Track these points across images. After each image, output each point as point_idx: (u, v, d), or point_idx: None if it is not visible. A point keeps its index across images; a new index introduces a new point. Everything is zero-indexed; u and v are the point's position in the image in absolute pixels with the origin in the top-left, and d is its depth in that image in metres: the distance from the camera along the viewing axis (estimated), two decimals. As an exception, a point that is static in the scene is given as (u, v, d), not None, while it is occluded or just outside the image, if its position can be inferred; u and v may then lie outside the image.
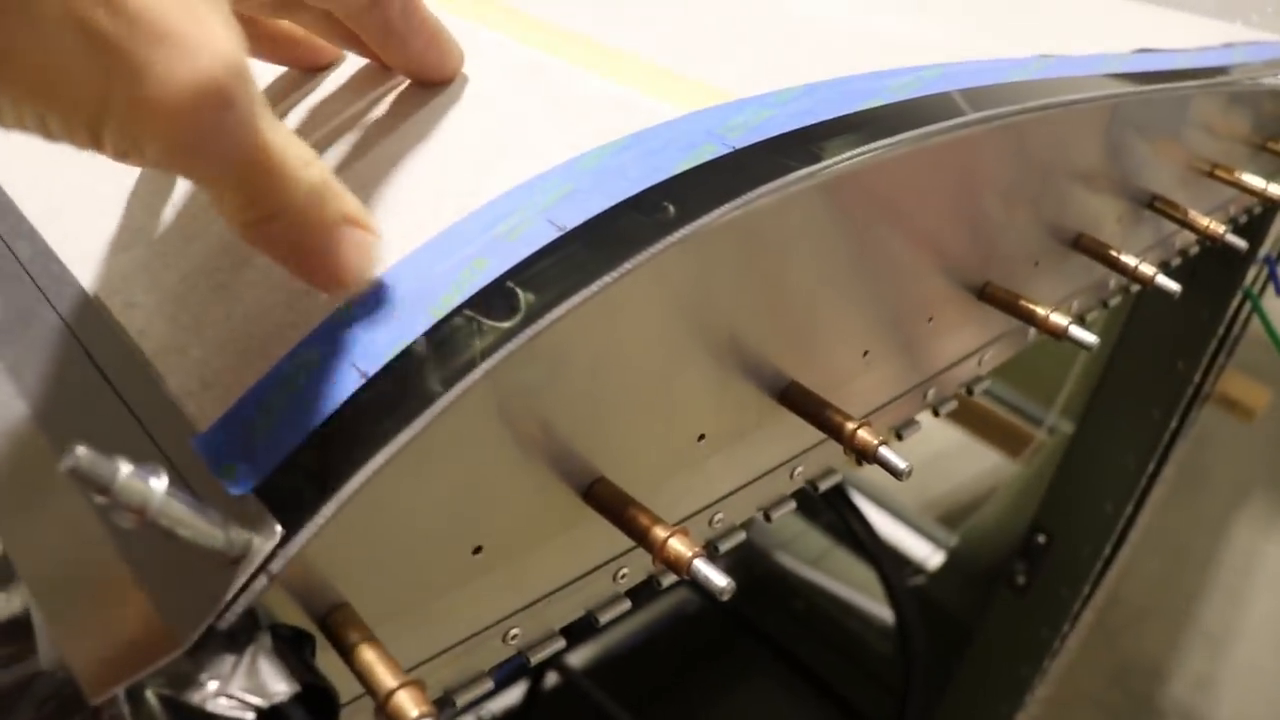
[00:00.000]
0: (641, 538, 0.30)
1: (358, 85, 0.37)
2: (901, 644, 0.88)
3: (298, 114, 0.37)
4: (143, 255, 0.33)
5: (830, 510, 1.20)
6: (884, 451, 0.35)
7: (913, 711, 0.87)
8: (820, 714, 1.14)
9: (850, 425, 0.35)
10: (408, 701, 0.25)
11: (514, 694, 1.17)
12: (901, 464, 0.35)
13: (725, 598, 0.29)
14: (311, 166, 0.26)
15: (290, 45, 0.38)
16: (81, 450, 0.22)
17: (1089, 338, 0.42)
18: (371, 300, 0.28)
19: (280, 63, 0.39)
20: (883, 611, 1.21)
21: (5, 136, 0.40)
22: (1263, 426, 1.92)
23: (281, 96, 0.38)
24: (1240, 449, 1.97)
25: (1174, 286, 0.47)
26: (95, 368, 0.31)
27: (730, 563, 1.32)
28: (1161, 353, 0.75)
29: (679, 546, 0.30)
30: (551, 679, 1.16)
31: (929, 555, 1.21)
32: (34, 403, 0.32)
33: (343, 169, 0.34)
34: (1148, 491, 0.89)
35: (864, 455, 0.35)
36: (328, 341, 0.28)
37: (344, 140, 0.35)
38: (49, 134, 0.24)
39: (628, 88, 0.36)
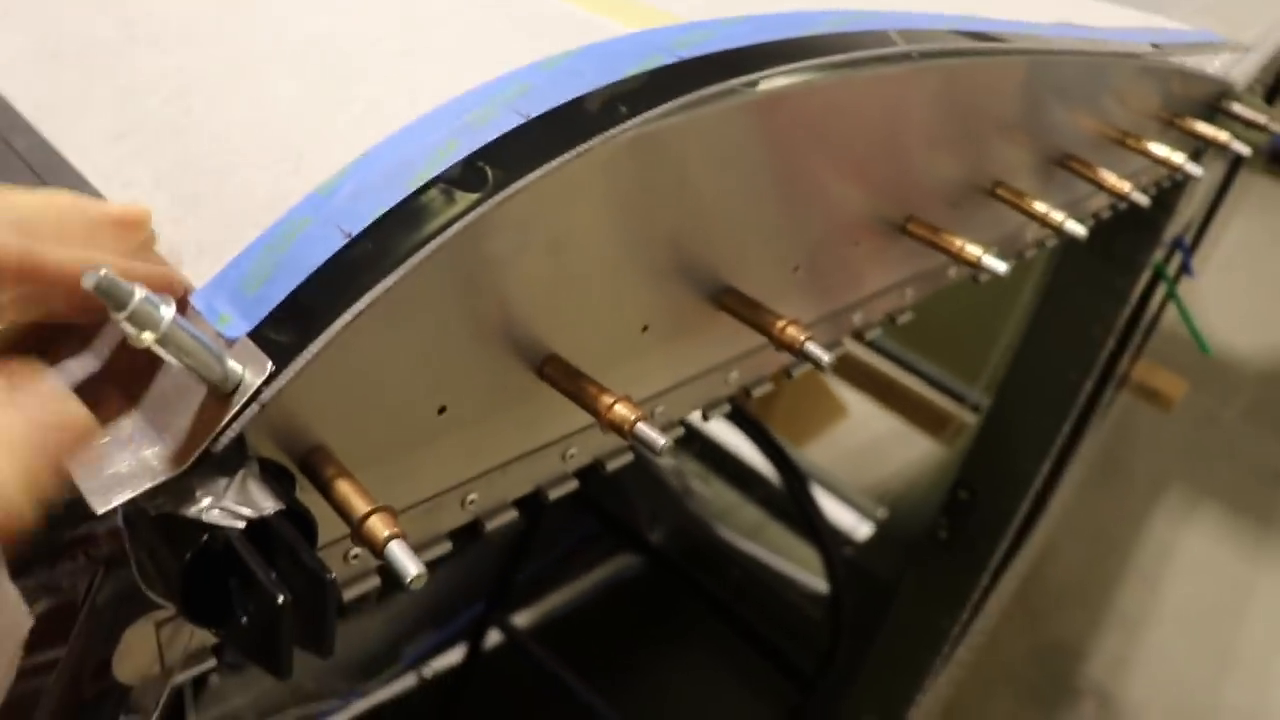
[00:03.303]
0: (589, 404, 0.34)
1: None
2: (832, 602, 0.92)
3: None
4: (136, 144, 0.36)
5: (770, 484, 1.24)
6: (810, 346, 0.38)
7: (840, 660, 0.91)
8: (756, 671, 1.18)
9: (780, 323, 0.39)
10: (380, 524, 0.28)
11: (455, 654, 1.19)
12: (824, 356, 0.38)
13: (661, 455, 0.33)
14: None
15: None
16: (104, 270, 0.25)
17: (1000, 265, 0.46)
18: (354, 175, 0.31)
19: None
20: (814, 581, 1.25)
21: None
22: (1180, 422, 2.01)
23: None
24: (1158, 442, 2.05)
25: (1080, 230, 0.51)
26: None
27: (671, 529, 1.36)
28: (1077, 319, 0.80)
29: (623, 411, 0.33)
30: (494, 639, 1.18)
31: (856, 526, 1.26)
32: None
33: (333, 66, 0.37)
34: (1065, 456, 0.94)
35: (790, 349, 0.38)
36: (315, 209, 0.31)
37: (331, 44, 0.38)
38: None
39: (588, 10, 0.39)
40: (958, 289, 0.56)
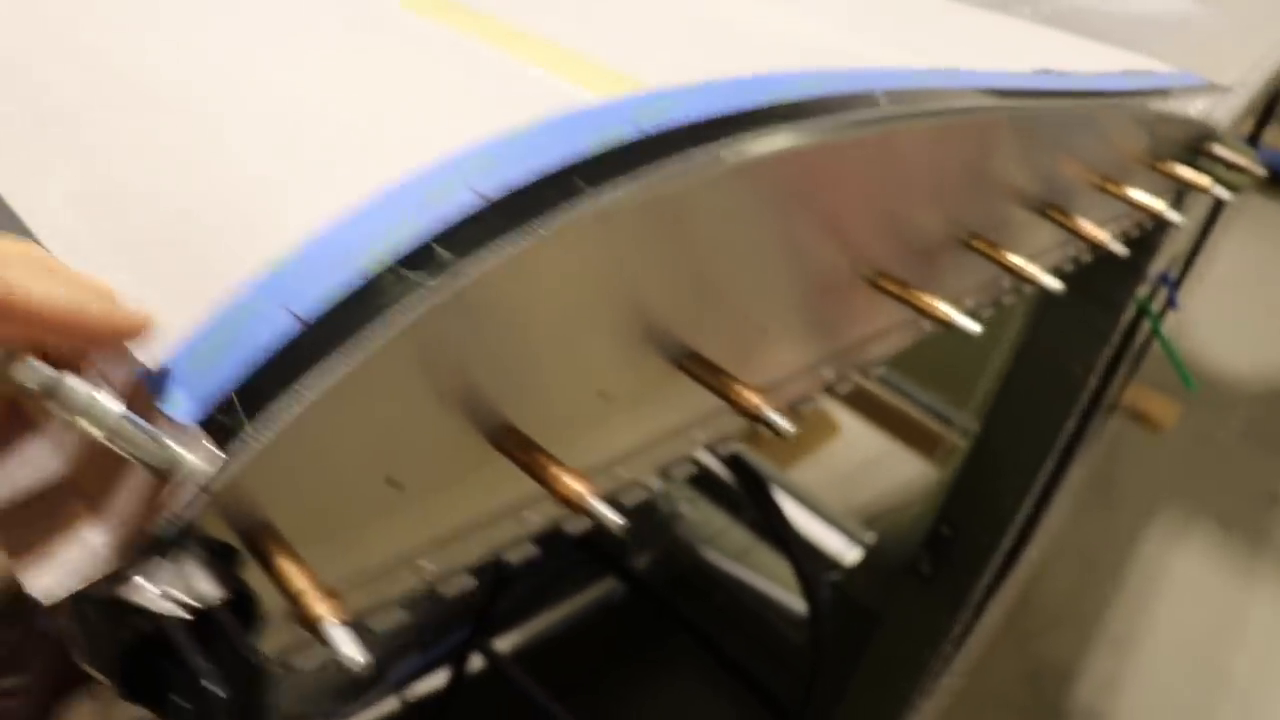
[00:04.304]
0: (541, 477, 0.34)
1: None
2: (811, 628, 0.92)
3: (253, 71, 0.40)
4: (95, 210, 0.36)
5: (752, 506, 1.24)
6: (766, 411, 0.38)
7: (821, 691, 0.91)
8: (739, 699, 1.18)
9: (737, 386, 0.38)
10: (320, 607, 0.28)
11: (438, 678, 1.19)
12: (784, 423, 0.38)
13: (621, 534, 0.33)
14: None
15: None
16: (50, 373, 0.25)
17: (973, 326, 0.46)
18: (308, 255, 0.31)
19: None
20: (801, 605, 1.25)
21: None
22: (1170, 443, 2.01)
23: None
24: (1151, 462, 2.05)
25: (1055, 284, 0.51)
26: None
27: (656, 555, 1.36)
28: (1059, 358, 0.80)
29: (575, 485, 0.33)
30: (476, 664, 1.18)
31: (845, 551, 1.26)
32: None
33: (300, 135, 0.37)
34: (1050, 490, 0.94)
35: (749, 415, 0.38)
36: (267, 290, 0.31)
37: (291, 102, 0.38)
38: None
39: (554, 74, 0.39)
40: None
